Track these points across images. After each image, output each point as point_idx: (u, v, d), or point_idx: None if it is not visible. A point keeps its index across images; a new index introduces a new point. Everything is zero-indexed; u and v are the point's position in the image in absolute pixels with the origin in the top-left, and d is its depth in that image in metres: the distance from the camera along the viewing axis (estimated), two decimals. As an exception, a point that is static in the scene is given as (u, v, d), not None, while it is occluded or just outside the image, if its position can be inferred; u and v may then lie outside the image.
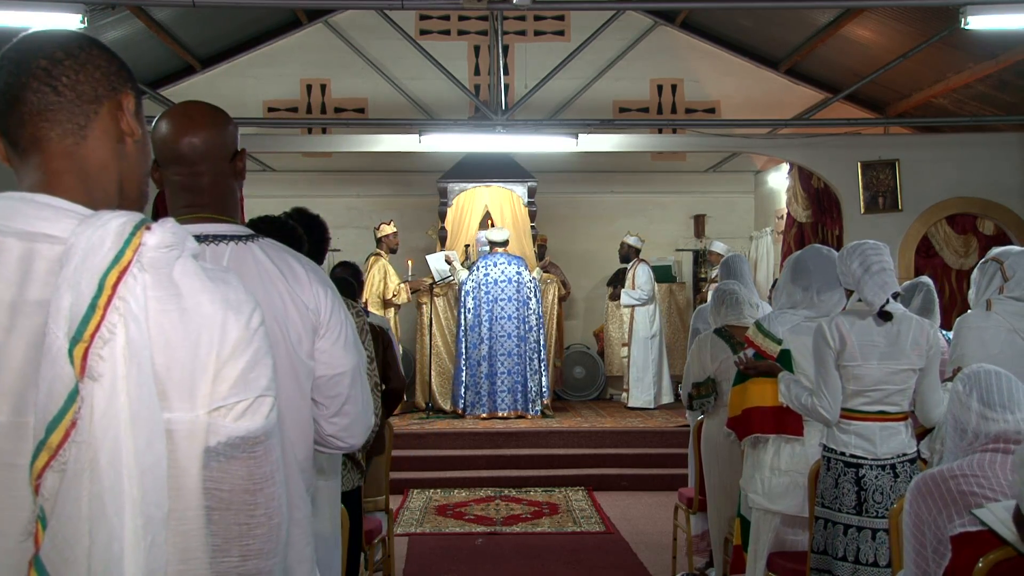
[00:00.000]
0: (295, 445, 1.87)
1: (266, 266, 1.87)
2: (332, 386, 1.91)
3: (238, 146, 1.96)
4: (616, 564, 5.90)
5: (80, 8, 5.94)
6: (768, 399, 3.85)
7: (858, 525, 3.41)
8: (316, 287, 1.90)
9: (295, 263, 1.92)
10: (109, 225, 1.10)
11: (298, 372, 1.85)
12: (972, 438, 2.49)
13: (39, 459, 1.04)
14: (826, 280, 3.87)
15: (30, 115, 1.22)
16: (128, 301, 1.08)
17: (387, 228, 9.92)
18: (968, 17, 6.05)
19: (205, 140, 1.89)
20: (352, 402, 1.94)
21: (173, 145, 1.89)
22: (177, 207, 1.91)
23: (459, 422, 9.23)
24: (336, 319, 1.91)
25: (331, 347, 1.90)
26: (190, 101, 2.01)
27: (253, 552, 1.16)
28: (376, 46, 10.33)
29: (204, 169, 1.90)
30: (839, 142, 9.36)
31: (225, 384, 1.14)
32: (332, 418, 1.93)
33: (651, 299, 10.04)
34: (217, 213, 1.91)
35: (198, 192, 1.90)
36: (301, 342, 1.85)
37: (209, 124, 1.91)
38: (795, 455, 3.84)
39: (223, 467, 1.14)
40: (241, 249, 1.87)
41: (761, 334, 3.93)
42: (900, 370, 3.45)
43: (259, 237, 1.93)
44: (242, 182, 1.99)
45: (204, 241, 1.85)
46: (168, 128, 1.90)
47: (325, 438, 1.95)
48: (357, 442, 2.00)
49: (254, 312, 1.19)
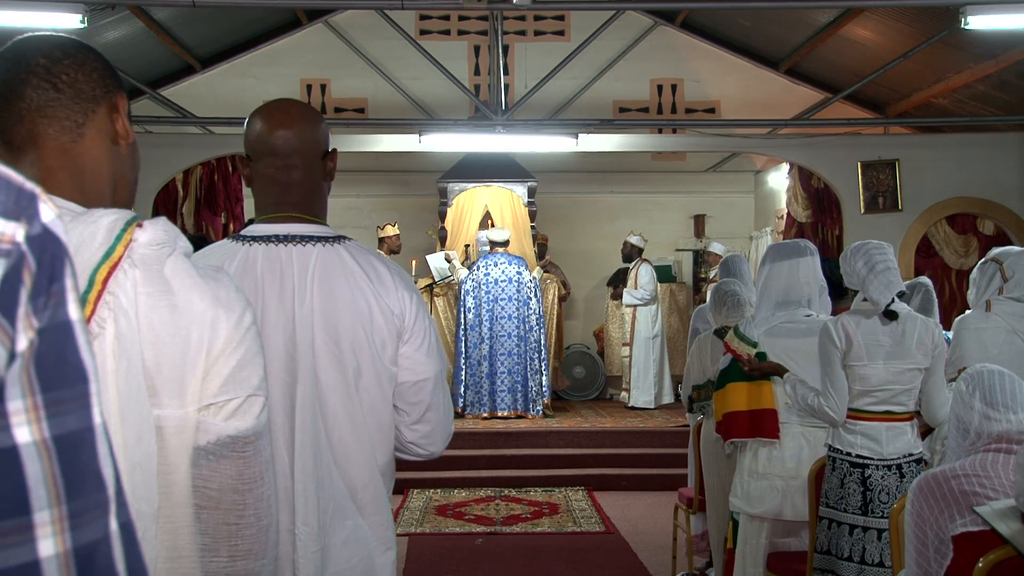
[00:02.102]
0: (377, 450, 1.86)
1: (352, 268, 1.85)
2: (415, 392, 1.88)
3: (330, 146, 1.95)
4: (616, 564, 5.89)
5: (80, 8, 5.94)
6: (743, 403, 3.84)
7: (864, 525, 3.40)
8: (401, 291, 1.88)
9: (381, 266, 1.90)
10: (100, 221, 1.10)
11: (381, 377, 1.84)
12: (975, 438, 2.48)
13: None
14: (777, 252, 3.97)
15: (28, 111, 1.22)
16: (118, 296, 1.08)
17: (391, 229, 9.92)
18: (968, 17, 6.05)
19: (299, 134, 1.88)
20: (434, 409, 1.91)
21: (267, 137, 1.87)
22: (266, 204, 1.90)
23: (459, 422, 9.21)
24: (420, 324, 1.88)
25: (415, 353, 1.87)
26: (285, 98, 2.01)
27: (242, 553, 1.16)
28: (376, 46, 10.33)
29: (296, 163, 1.88)
30: (839, 142, 9.35)
31: (215, 382, 1.14)
32: (414, 425, 1.91)
33: (653, 299, 10.04)
34: (305, 212, 1.89)
35: (288, 187, 1.88)
36: (385, 347, 1.84)
37: (303, 119, 1.90)
38: (772, 458, 3.82)
39: (212, 466, 1.14)
40: (328, 251, 1.86)
41: (737, 338, 3.94)
42: (906, 370, 3.45)
43: (346, 239, 1.91)
44: (330, 183, 1.97)
45: (292, 241, 1.84)
46: (263, 121, 1.89)
47: (406, 445, 1.93)
48: (437, 450, 1.97)
49: (245, 311, 1.18)
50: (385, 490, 1.89)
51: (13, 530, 0.64)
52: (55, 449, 0.67)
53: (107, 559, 0.70)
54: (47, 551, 0.65)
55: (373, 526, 1.83)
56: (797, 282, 3.85)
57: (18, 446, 0.65)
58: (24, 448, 0.65)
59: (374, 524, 1.83)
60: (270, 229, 1.86)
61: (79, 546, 0.67)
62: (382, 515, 1.86)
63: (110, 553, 0.70)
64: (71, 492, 0.67)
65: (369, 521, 1.82)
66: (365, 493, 1.82)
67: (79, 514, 0.68)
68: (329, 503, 1.76)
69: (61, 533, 0.66)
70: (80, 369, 0.70)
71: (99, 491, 0.70)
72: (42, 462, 0.66)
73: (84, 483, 0.69)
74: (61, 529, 0.66)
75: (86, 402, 0.70)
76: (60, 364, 0.68)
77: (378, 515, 1.85)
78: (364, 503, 1.82)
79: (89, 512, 0.69)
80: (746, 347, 3.87)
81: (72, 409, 0.69)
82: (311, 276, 1.82)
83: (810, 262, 3.88)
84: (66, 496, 0.67)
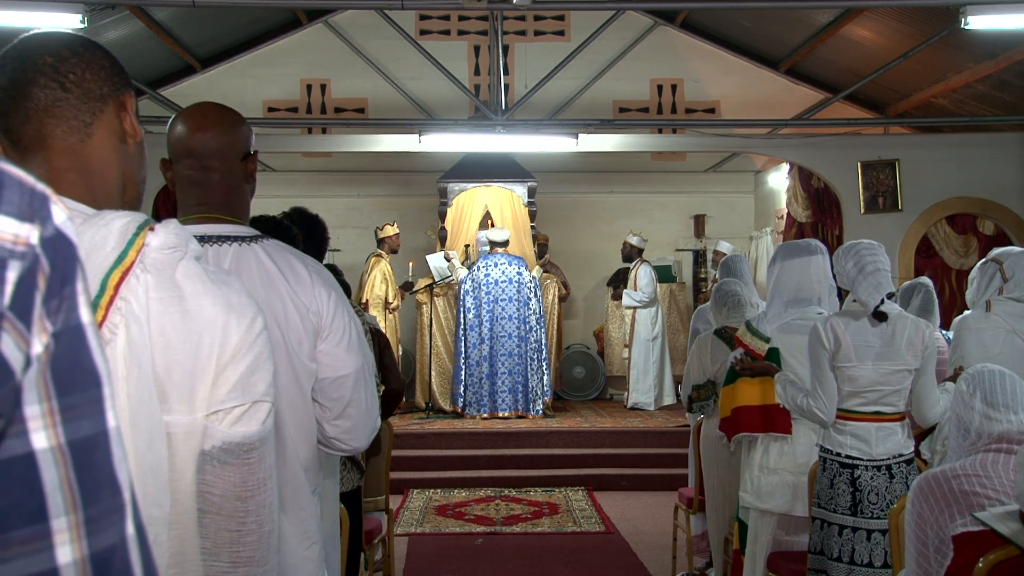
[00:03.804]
0: (297, 445, 1.88)
1: (268, 267, 1.86)
2: (335, 388, 1.90)
3: (251, 149, 1.96)
4: (616, 564, 5.90)
5: (80, 8, 5.94)
6: (755, 398, 3.85)
7: (853, 526, 3.41)
8: (319, 288, 1.89)
9: (298, 264, 1.91)
10: (112, 225, 1.09)
11: (298, 374, 1.86)
12: (975, 438, 2.49)
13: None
14: (788, 250, 3.97)
15: (36, 111, 1.20)
16: (130, 302, 1.07)
17: (390, 229, 9.91)
18: (968, 17, 6.05)
19: (217, 136, 1.89)
20: (355, 405, 1.93)
21: (186, 140, 1.90)
22: (187, 205, 1.92)
23: (459, 422, 9.22)
24: (339, 321, 1.90)
25: (333, 349, 1.89)
26: (206, 102, 2.03)
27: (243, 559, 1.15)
28: (376, 46, 10.33)
29: (215, 165, 1.90)
30: (839, 142, 9.35)
31: (224, 388, 1.13)
32: (335, 420, 1.93)
33: (653, 301, 10.03)
34: (225, 213, 1.91)
35: (207, 189, 1.90)
36: (302, 344, 1.85)
37: (221, 122, 1.92)
38: (783, 453, 3.83)
39: (216, 471, 1.13)
40: (244, 250, 1.87)
41: (750, 333, 3.94)
42: (895, 371, 3.45)
43: (263, 238, 1.92)
44: (253, 185, 1.98)
45: (208, 242, 1.85)
46: (182, 124, 1.92)
47: (328, 440, 1.96)
48: (360, 445, 2.00)
49: (256, 316, 1.18)
50: (309, 485, 1.90)
51: (31, 538, 0.63)
52: (71, 454, 0.66)
53: (124, 563, 0.70)
54: (65, 558, 0.65)
55: (294, 522, 1.84)
56: (808, 280, 3.87)
57: (35, 452, 0.64)
58: (41, 454, 0.65)
59: (295, 520, 1.84)
60: (188, 231, 1.88)
61: (96, 551, 0.67)
62: (305, 510, 1.87)
63: (127, 557, 0.70)
64: (87, 498, 0.67)
65: (289, 517, 1.83)
66: (285, 489, 1.84)
67: (96, 519, 0.67)
68: None
69: (78, 539, 0.66)
70: (93, 373, 0.70)
71: (115, 495, 0.70)
72: (58, 468, 0.65)
73: (100, 488, 0.68)
74: (78, 535, 0.66)
75: (100, 406, 0.70)
76: (74, 368, 0.68)
77: (301, 510, 1.86)
78: (284, 499, 1.84)
79: (106, 517, 0.68)
80: (759, 343, 3.87)
81: (87, 414, 0.68)
82: None
83: (820, 261, 3.90)
84: (82, 502, 0.66)
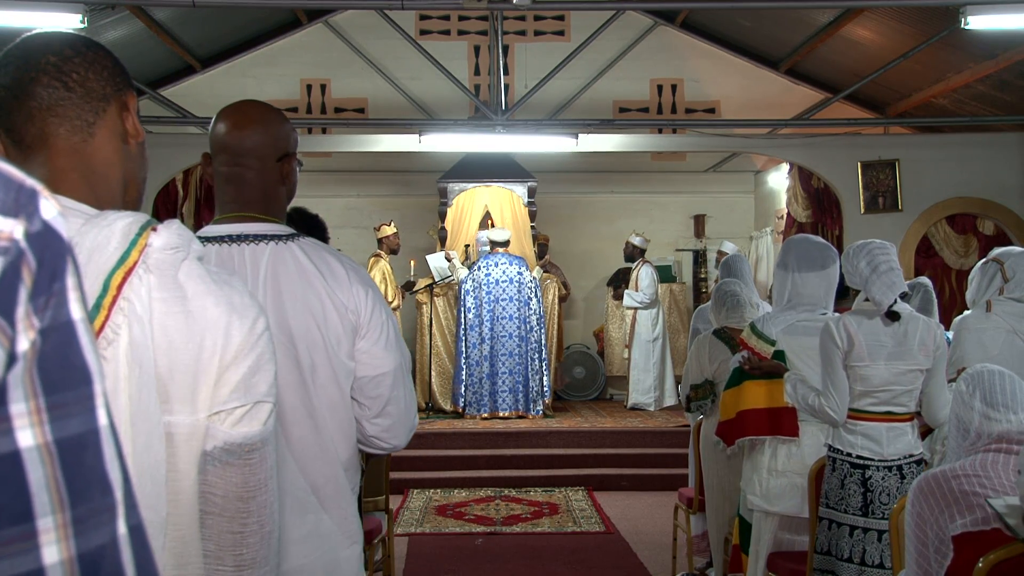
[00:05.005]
0: (338, 445, 1.88)
1: (305, 266, 1.86)
2: (374, 387, 1.90)
3: (291, 150, 1.96)
4: (616, 564, 5.90)
5: (80, 8, 5.94)
6: (762, 401, 3.83)
7: (864, 526, 3.39)
8: (356, 287, 1.89)
9: (335, 262, 1.91)
10: (115, 225, 1.09)
11: (337, 373, 1.85)
12: (975, 438, 2.49)
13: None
14: (806, 259, 3.83)
15: (39, 111, 1.20)
16: (133, 302, 1.07)
17: (387, 229, 9.91)
18: (968, 17, 6.05)
19: (252, 134, 1.90)
20: (394, 403, 1.93)
21: (223, 136, 1.91)
22: (223, 202, 1.92)
23: (459, 422, 9.23)
24: (377, 319, 1.90)
25: (372, 347, 1.89)
26: (250, 100, 2.04)
27: (247, 562, 1.15)
28: (376, 46, 10.33)
29: (249, 163, 1.90)
30: (839, 142, 9.36)
31: (226, 388, 1.13)
32: (375, 419, 1.93)
33: (653, 303, 10.03)
34: (261, 212, 1.91)
35: (241, 186, 1.90)
36: (340, 343, 1.85)
37: (259, 120, 1.93)
38: (791, 456, 3.82)
39: (218, 472, 1.13)
40: (281, 249, 1.86)
41: (755, 335, 3.92)
42: (907, 370, 3.44)
43: (300, 236, 1.92)
44: (291, 187, 1.97)
45: (244, 240, 1.85)
46: (222, 121, 1.93)
47: (368, 439, 1.95)
48: (400, 443, 1.99)
49: (258, 317, 1.18)
50: (349, 484, 1.91)
51: (16, 538, 0.62)
52: (58, 453, 0.65)
53: (115, 564, 0.68)
54: (51, 558, 0.63)
55: (337, 520, 1.85)
56: (821, 292, 3.83)
57: (20, 451, 0.63)
58: (27, 452, 0.63)
59: (338, 519, 1.85)
60: (222, 230, 1.88)
61: (84, 552, 0.65)
62: (346, 509, 1.88)
63: (118, 558, 0.68)
64: (75, 497, 0.65)
65: (332, 516, 1.84)
66: (327, 488, 1.85)
67: (84, 519, 0.66)
68: (286, 498, 1.77)
69: (65, 539, 0.64)
70: (84, 370, 0.68)
71: (105, 495, 0.68)
72: (45, 467, 0.64)
73: (89, 487, 0.67)
74: (65, 535, 0.64)
75: (90, 404, 0.68)
76: (63, 365, 0.67)
77: (342, 509, 1.87)
78: (326, 498, 1.84)
79: (95, 517, 0.67)
80: (764, 345, 3.85)
81: (76, 412, 0.67)
82: (262, 275, 1.83)
83: (834, 271, 3.85)
84: (70, 501, 0.65)
